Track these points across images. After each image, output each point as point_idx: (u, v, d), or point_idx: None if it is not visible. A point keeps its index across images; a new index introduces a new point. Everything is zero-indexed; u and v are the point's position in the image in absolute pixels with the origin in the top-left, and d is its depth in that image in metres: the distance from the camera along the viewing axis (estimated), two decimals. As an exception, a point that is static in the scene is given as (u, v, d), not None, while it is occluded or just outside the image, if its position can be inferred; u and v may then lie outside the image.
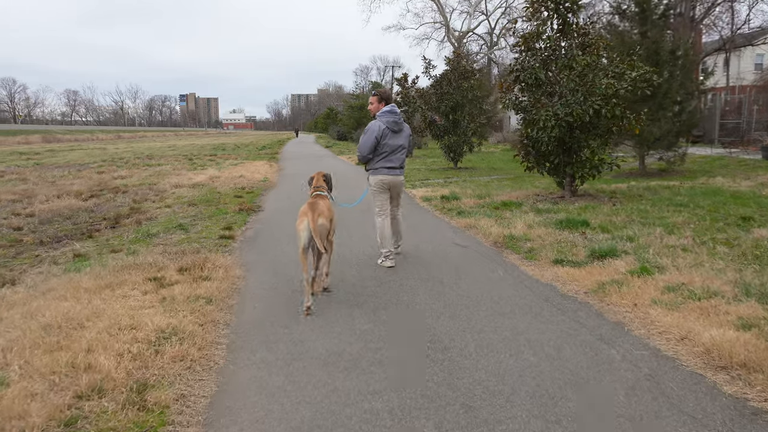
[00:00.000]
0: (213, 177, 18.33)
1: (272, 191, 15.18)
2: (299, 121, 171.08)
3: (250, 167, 22.41)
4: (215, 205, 12.10)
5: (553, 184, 14.02)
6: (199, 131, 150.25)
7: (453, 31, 69.89)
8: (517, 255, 7.13)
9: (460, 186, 14.82)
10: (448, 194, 12.60)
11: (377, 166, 6.75)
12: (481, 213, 10.12)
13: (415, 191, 14.02)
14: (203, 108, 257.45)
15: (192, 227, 9.55)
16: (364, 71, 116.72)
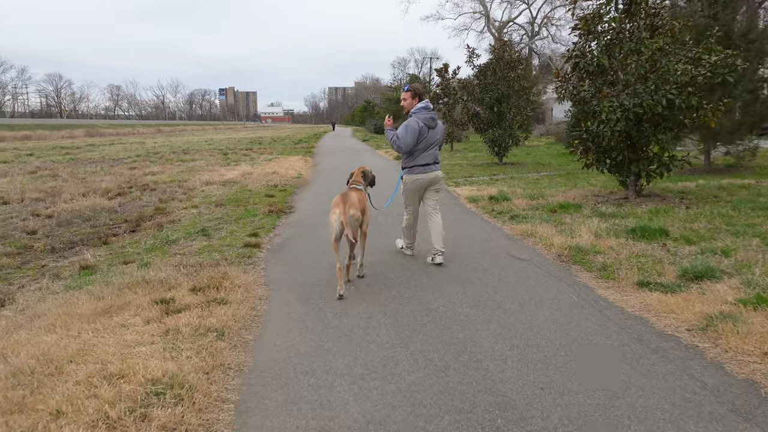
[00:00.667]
0: (245, 173, 17.53)
1: (306, 189, 14.26)
2: (336, 114, 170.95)
3: (284, 163, 21.58)
4: (244, 206, 11.23)
5: (611, 182, 12.79)
6: (237, 125, 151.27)
7: (493, 21, 68.29)
8: (588, 273, 6.00)
9: (508, 184, 13.65)
10: (496, 194, 11.46)
11: (411, 164, 6.61)
12: (536, 217, 8.98)
13: (459, 190, 12.92)
14: (242, 102, 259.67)
15: (215, 232, 8.66)
16: (401, 63, 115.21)
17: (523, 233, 8.00)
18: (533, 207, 10.09)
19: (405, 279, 6.02)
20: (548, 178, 14.79)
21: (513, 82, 18.13)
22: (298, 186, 14.79)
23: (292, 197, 12.75)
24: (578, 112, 11.00)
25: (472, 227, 8.79)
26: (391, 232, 8.36)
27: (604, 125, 9.92)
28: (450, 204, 11.24)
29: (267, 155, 27.07)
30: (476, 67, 18.63)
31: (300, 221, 9.68)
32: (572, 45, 10.62)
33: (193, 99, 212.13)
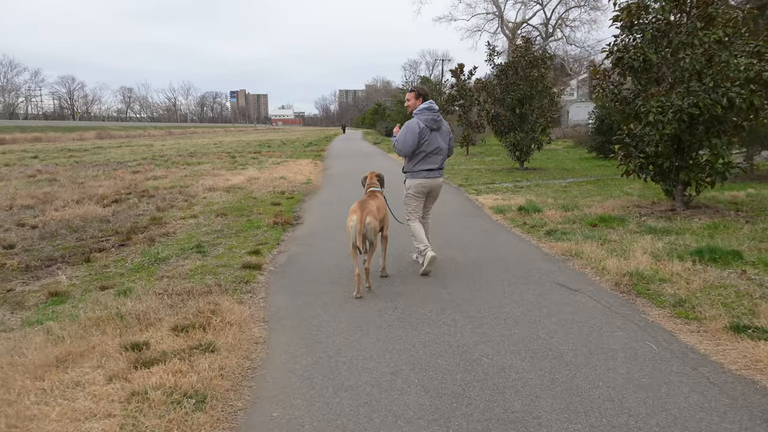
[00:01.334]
0: (252, 179, 16.52)
1: (315, 196, 13.22)
2: (347, 117, 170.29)
3: (293, 167, 20.57)
4: (247, 216, 10.20)
5: (649, 191, 11.69)
6: (248, 127, 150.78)
7: (507, 22, 67.15)
8: (660, 309, 4.89)
9: (535, 193, 12.54)
10: (525, 204, 10.36)
11: (416, 168, 6.32)
12: (576, 233, 7.89)
13: (483, 199, 11.83)
14: (253, 104, 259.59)
15: (212, 248, 7.62)
16: (412, 66, 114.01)
17: (566, 253, 6.90)
18: (569, 220, 8.99)
19: (434, 315, 4.94)
20: (577, 186, 13.66)
21: (536, 81, 17.01)
22: (306, 193, 13.76)
23: (299, 206, 11.71)
24: (619, 113, 9.88)
25: (504, 244, 7.70)
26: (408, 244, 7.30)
27: (651, 128, 8.81)
28: (473, 215, 10.15)
29: (276, 158, 26.08)
30: (497, 66, 17.52)
31: (308, 235, 8.63)
32: (613, 39, 9.51)
33: (204, 101, 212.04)
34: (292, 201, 12.28)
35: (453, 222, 9.48)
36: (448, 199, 12.02)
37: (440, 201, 7.54)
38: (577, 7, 63.84)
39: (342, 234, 8.16)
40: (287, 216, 10.05)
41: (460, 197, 12.52)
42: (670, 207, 9.56)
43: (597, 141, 21.89)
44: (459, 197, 12.53)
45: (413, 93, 6.42)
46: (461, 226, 9.09)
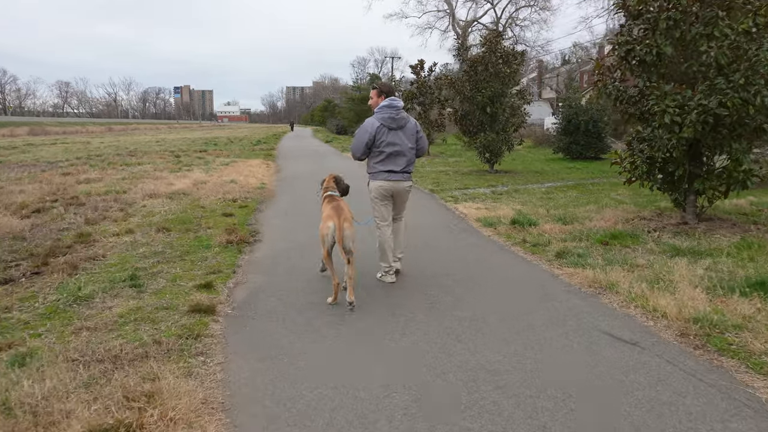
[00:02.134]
0: (198, 182, 14.80)
1: (272, 205, 11.67)
2: (294, 114, 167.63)
3: (243, 168, 18.88)
4: (194, 231, 8.62)
5: (639, 197, 10.71)
6: (193, 124, 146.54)
7: (458, 20, 66.87)
8: (760, 376, 3.67)
9: (518, 200, 11.36)
10: (515, 216, 9.14)
11: (376, 169, 5.89)
12: (592, 254, 6.70)
13: (463, 208, 10.55)
14: (198, 100, 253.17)
15: (151, 280, 6.04)
16: (361, 63, 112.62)
17: (593, 284, 5.66)
18: (574, 236, 7.79)
19: (459, 397, 3.57)
20: (560, 192, 12.56)
21: (507, 78, 15.88)
22: (261, 200, 12.20)
23: (255, 217, 10.17)
24: (621, 113, 8.76)
25: (509, 270, 6.42)
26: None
27: (664, 130, 7.70)
28: (460, 229, 8.85)
29: (224, 158, 24.26)
30: (467, 61, 16.30)
31: (270, 258, 7.15)
32: (619, 29, 8.37)
33: (146, 97, 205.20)
34: (246, 210, 10.71)
35: (437, 239, 8.16)
36: (423, 208, 10.70)
37: (416, 211, 6.34)
38: (527, 7, 64.08)
39: (313, 256, 6.74)
40: (242, 231, 8.52)
41: (436, 205, 11.21)
42: (681, 220, 8.49)
43: (564, 142, 21.04)
44: (435, 205, 11.22)
45: (376, 90, 5.99)
46: (448, 245, 7.77)
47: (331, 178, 6.19)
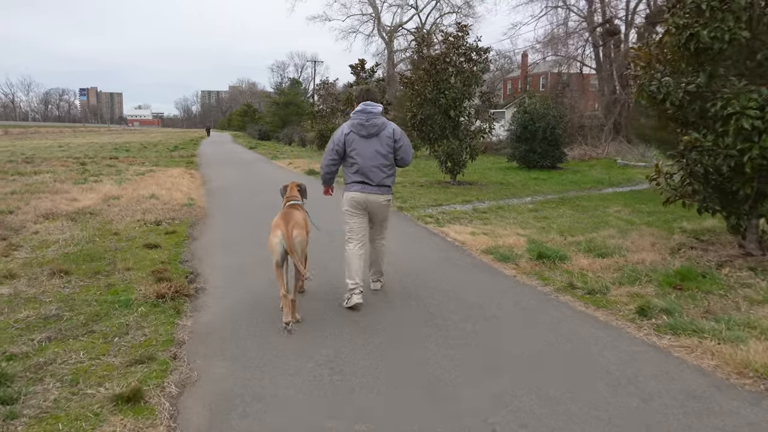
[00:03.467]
0: (109, 198, 12.07)
1: (207, 228, 9.22)
2: (210, 119, 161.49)
3: (163, 179, 16.11)
4: (107, 275, 6.15)
5: (648, 216, 9.08)
6: (101, 127, 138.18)
7: (384, 25, 65.80)
8: None
9: (512, 221, 9.47)
10: (531, 245, 7.23)
11: (348, 179, 5.40)
12: (679, 306, 4.85)
13: (451, 231, 8.54)
14: (106, 103, 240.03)
15: (33, 387, 3.59)
16: (280, 67, 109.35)
17: (742, 369, 3.73)
18: (626, 276, 5.93)
19: None
20: (550, 209, 10.79)
21: (471, 78, 14.06)
22: (192, 221, 9.70)
23: (188, 248, 7.75)
24: (662, 115, 7.01)
25: (587, 342, 4.39)
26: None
27: (739, 138, 5.97)
28: (468, 265, 6.81)
29: (138, 166, 21.26)
30: (427, 59, 14.33)
31: (229, 322, 4.83)
32: (669, 8, 6.60)
33: (49, 99, 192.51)
34: (175, 238, 8.24)
35: (444, 282, 6.08)
36: (401, 233, 8.58)
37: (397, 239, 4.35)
38: (452, 13, 63.70)
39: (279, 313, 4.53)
40: (175, 275, 6.13)
41: (416, 229, 9.12)
42: (743, 250, 6.80)
43: (520, 150, 19.52)
44: (414, 229, 9.12)
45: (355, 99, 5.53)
46: (465, 295, 5.66)
47: (294, 186, 5.67)
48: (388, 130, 5.31)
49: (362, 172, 5.26)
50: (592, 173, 17.94)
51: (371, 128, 5.22)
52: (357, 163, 5.25)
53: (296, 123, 51.48)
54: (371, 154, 5.23)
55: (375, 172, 5.24)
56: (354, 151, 5.24)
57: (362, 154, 5.22)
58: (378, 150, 5.24)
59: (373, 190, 5.29)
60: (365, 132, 5.22)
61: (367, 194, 5.29)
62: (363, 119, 5.22)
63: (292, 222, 4.86)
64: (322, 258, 6.87)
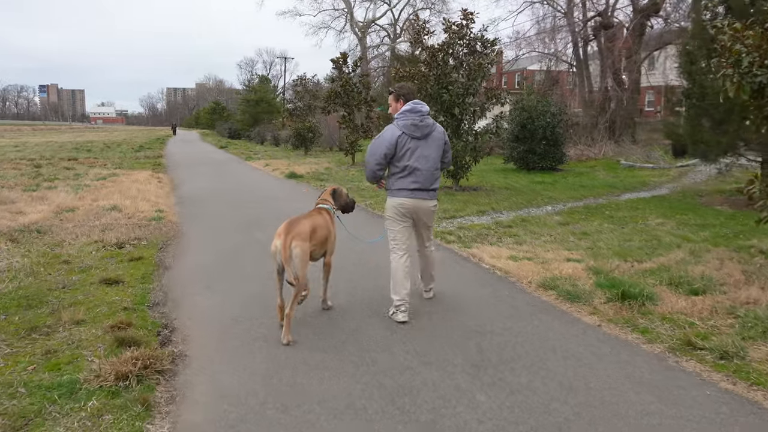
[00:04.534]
0: (63, 210, 10.28)
1: (182, 253, 7.52)
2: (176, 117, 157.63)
3: (128, 184, 14.26)
4: (46, 334, 4.46)
5: (693, 227, 7.69)
6: (62, 125, 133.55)
7: (356, 20, 64.44)
8: None
9: (549, 238, 7.99)
10: (602, 279, 5.74)
11: (396, 185, 4.97)
12: None
13: (484, 254, 7.01)
14: (67, 100, 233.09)
15: None
16: (249, 64, 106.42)
17: None
18: (751, 326, 4.46)
19: None
20: (580, 220, 9.36)
21: (477, 73, 12.55)
22: (162, 243, 7.99)
23: (159, 281, 6.06)
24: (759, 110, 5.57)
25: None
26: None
27: None
28: (525, 305, 5.27)
29: (100, 169, 19.29)
30: (426, 50, 12.75)
31: (225, 428, 3.20)
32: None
33: (6, 95, 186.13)
34: (142, 268, 6.54)
35: (505, 341, 4.53)
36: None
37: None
38: (426, 9, 62.64)
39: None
40: (143, 336, 4.45)
41: (441, 250, 7.56)
42: None
43: (518, 150, 18.09)
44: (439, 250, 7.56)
45: (393, 95, 5.12)
46: (542, 367, 4.12)
47: (328, 190, 5.38)
48: (439, 131, 5.06)
49: (414, 177, 4.91)
50: (598, 176, 16.61)
51: (424, 129, 4.91)
52: (408, 166, 4.88)
53: (268, 121, 49.59)
54: (424, 157, 4.91)
55: (427, 175, 4.93)
56: (406, 154, 4.88)
57: (415, 157, 4.88)
58: (431, 152, 4.95)
59: (423, 195, 4.97)
60: (419, 133, 4.88)
61: (417, 200, 4.95)
62: (416, 119, 4.86)
63: (294, 231, 4.52)
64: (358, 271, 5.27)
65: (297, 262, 4.44)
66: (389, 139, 4.87)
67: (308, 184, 15.44)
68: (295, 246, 4.44)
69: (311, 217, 4.86)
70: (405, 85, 5.23)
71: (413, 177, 4.92)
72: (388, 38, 66.15)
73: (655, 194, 12.88)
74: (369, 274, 6.26)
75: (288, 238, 4.46)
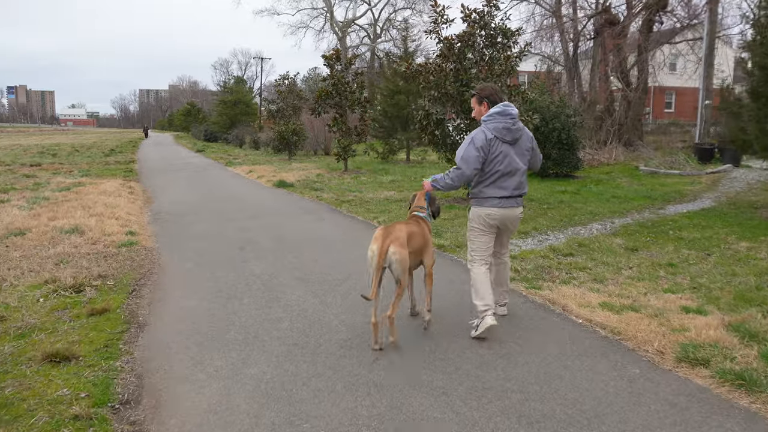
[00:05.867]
0: (11, 232, 8.35)
1: (161, 294, 5.68)
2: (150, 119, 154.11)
3: (94, 197, 12.28)
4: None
5: None
6: (30, 127, 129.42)
7: (336, 20, 63.10)
8: None
9: (643, 275, 6.30)
10: (765, 350, 4.04)
11: (483, 194, 4.65)
12: None
13: (565, 300, 5.30)
14: (36, 102, 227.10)
15: None
16: (224, 65, 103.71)
17: None
18: None
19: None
20: (648, 244, 7.71)
21: (506, 66, 10.86)
22: (135, 282, 6.14)
23: (131, 354, 4.24)
24: None
25: None
26: None
27: None
28: (677, 396, 3.54)
29: (64, 176, 17.25)
30: (443, 41, 11.01)
31: None
32: None
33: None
34: (106, 328, 4.71)
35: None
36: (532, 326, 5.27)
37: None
38: (407, 9, 61.50)
39: None
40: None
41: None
42: None
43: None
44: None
45: (474, 98, 4.83)
46: None
47: (421, 195, 4.97)
48: (527, 134, 4.80)
49: (503, 183, 4.64)
50: (621, 184, 15.03)
51: (516, 133, 4.63)
52: (497, 171, 4.60)
53: (246, 123, 47.50)
54: (515, 162, 4.64)
55: (516, 182, 4.67)
56: (496, 159, 4.58)
57: (503, 161, 4.59)
58: (520, 157, 4.69)
59: (511, 203, 4.71)
60: (510, 137, 4.60)
61: (506, 209, 4.68)
62: (509, 123, 4.56)
63: (392, 236, 4.34)
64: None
65: (396, 266, 4.28)
66: (481, 142, 4.51)
67: (316, 200, 13.60)
68: (393, 251, 4.28)
69: (407, 224, 4.62)
70: (487, 87, 4.83)
71: (502, 183, 4.62)
72: (368, 38, 64.60)
73: (703, 207, 11.31)
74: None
75: (386, 242, 4.30)
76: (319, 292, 5.73)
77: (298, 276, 6.33)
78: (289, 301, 5.45)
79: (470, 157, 4.51)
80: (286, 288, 5.91)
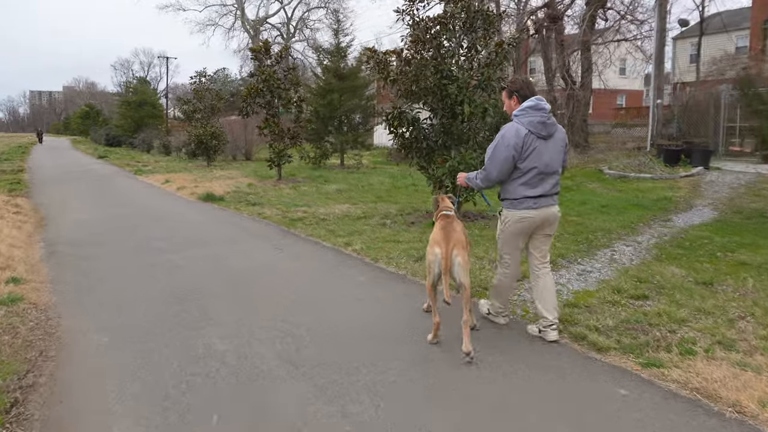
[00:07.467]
0: None
1: (57, 419, 3.34)
2: (42, 122, 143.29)
3: (-34, 222, 9.38)
4: None
5: None
6: None
7: (247, 18, 60.44)
8: None
9: (719, 323, 4.53)
10: None
11: (518, 194, 4.29)
12: None
13: (712, 384, 3.44)
14: None
15: None
16: (124, 65, 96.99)
17: None
18: None
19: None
20: (722, 274, 6.05)
21: (499, 54, 9.05)
22: (14, 387, 3.75)
23: None
24: None
25: None
26: None
27: None
28: None
29: (-71, 193, 13.87)
30: (420, 22, 9.00)
31: None
32: None
33: None
34: None
35: None
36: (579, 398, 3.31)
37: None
38: (321, 8, 59.60)
39: None
40: None
41: (596, 382, 3.90)
42: None
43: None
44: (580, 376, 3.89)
45: (505, 92, 4.49)
46: None
47: (446, 197, 4.78)
48: (560, 131, 4.40)
49: (540, 182, 4.25)
50: (594, 190, 13.63)
51: (551, 128, 4.26)
52: (533, 168, 4.19)
53: (153, 126, 43.78)
54: (550, 159, 4.24)
55: (551, 179, 4.29)
56: (531, 155, 4.19)
57: (538, 158, 4.20)
58: (554, 153, 4.28)
59: (548, 201, 4.31)
60: (545, 132, 4.22)
61: (542, 209, 4.29)
62: (544, 117, 4.20)
63: (454, 239, 4.13)
64: None
65: (460, 270, 4.06)
66: (513, 139, 4.15)
67: (258, 219, 11.23)
68: (457, 255, 4.07)
69: (459, 223, 4.39)
70: (518, 80, 4.48)
71: (537, 181, 4.25)
72: (281, 37, 61.88)
73: (712, 217, 9.98)
74: None
75: (449, 246, 4.07)
76: (330, 390, 3.57)
77: (286, 357, 4.13)
78: (290, 417, 3.27)
79: (499, 158, 4.19)
80: (276, 382, 3.73)
